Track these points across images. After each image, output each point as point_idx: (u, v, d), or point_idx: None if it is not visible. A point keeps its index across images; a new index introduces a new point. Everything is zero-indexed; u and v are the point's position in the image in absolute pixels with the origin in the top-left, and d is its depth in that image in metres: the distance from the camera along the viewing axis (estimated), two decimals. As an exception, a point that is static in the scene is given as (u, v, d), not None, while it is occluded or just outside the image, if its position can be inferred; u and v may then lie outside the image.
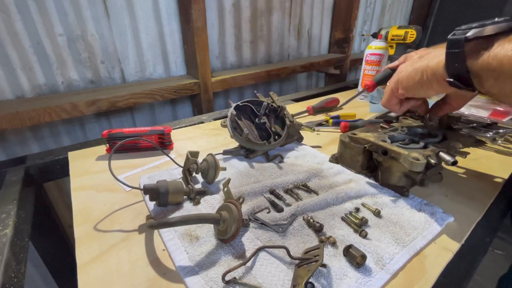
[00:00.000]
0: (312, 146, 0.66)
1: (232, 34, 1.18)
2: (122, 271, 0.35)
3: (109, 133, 0.61)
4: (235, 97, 1.29)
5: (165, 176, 0.53)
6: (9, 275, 0.39)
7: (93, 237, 0.40)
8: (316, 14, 1.47)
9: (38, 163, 0.65)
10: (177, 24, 1.01)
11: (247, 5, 1.17)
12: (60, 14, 0.79)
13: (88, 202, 0.47)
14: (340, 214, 0.43)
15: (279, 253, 0.36)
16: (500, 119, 0.77)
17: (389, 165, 0.47)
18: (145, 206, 0.46)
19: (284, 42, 1.39)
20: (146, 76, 1.01)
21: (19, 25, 0.74)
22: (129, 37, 0.93)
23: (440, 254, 0.37)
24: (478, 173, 0.56)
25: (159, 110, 1.08)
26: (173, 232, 0.39)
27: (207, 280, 0.32)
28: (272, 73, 1.21)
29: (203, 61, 0.99)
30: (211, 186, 0.50)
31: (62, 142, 0.90)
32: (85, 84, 0.90)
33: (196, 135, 0.74)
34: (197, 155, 0.51)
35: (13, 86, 0.78)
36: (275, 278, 0.32)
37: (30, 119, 0.72)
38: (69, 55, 0.84)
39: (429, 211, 0.43)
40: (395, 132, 0.51)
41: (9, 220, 0.47)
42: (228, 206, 0.37)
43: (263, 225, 0.40)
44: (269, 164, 0.58)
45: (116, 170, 0.56)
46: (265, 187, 0.48)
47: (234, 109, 0.62)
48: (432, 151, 0.43)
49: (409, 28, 0.95)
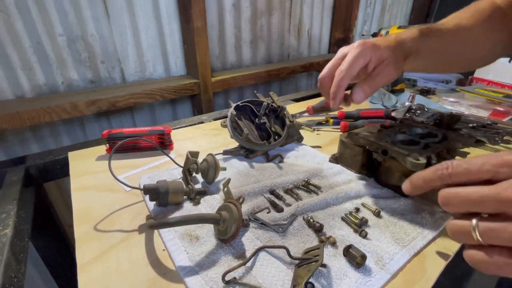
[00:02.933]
0: (312, 146, 0.66)
1: (232, 34, 1.18)
2: (122, 271, 0.35)
3: (109, 133, 0.61)
4: (235, 97, 1.29)
5: (165, 176, 0.53)
6: (9, 275, 0.39)
7: (93, 237, 0.40)
8: (316, 14, 1.47)
9: (38, 163, 0.65)
10: (177, 24, 1.01)
11: (247, 5, 1.17)
12: (60, 14, 0.79)
13: (88, 202, 0.47)
14: (340, 214, 0.43)
15: (279, 253, 0.36)
16: (500, 119, 0.77)
17: (389, 165, 0.47)
18: (145, 206, 0.46)
19: (284, 42, 1.39)
20: (146, 76, 1.01)
21: (19, 25, 0.74)
22: (129, 37, 0.93)
23: (440, 254, 0.37)
24: (478, 173, 0.56)
25: (159, 110, 1.08)
26: (173, 232, 0.39)
27: (207, 280, 0.32)
28: (272, 73, 1.21)
29: (203, 61, 0.99)
30: (211, 186, 0.50)
31: (62, 142, 0.90)
32: (85, 84, 0.90)
33: (196, 135, 0.74)
34: (197, 155, 0.51)
35: (13, 86, 0.78)
36: (275, 278, 0.32)
37: (30, 119, 0.72)
38: (69, 55, 0.84)
39: (429, 211, 0.43)
40: (395, 132, 0.51)
41: (9, 220, 0.47)
42: (228, 206, 0.37)
43: (263, 225, 0.40)
44: (269, 164, 0.58)
45: (116, 170, 0.56)
46: (265, 187, 0.48)
47: (234, 109, 0.62)
48: (432, 151, 0.43)
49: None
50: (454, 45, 0.47)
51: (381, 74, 0.42)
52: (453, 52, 0.48)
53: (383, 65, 0.42)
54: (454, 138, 0.49)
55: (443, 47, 0.47)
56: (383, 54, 0.42)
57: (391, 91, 1.01)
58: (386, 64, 0.42)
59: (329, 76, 0.44)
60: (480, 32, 0.47)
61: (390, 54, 0.42)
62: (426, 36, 0.45)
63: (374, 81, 0.43)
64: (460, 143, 0.48)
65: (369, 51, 0.41)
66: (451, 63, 0.51)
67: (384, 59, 0.42)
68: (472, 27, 0.46)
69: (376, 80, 0.43)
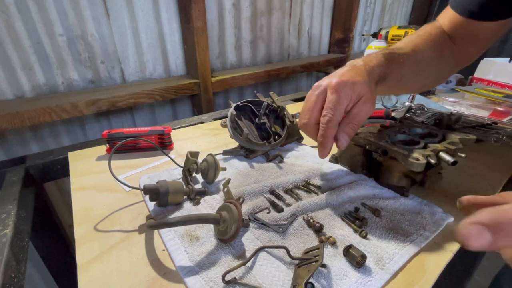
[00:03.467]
0: (312, 146, 0.66)
1: (232, 34, 1.18)
2: (122, 271, 0.35)
3: (109, 133, 0.61)
4: (235, 97, 1.29)
5: (165, 176, 0.53)
6: (9, 275, 0.39)
7: (93, 237, 0.40)
8: (316, 14, 1.47)
9: (38, 163, 0.65)
10: (177, 24, 1.01)
11: (247, 5, 1.17)
12: (60, 14, 0.79)
13: (88, 202, 0.47)
14: (340, 214, 0.43)
15: (279, 253, 0.36)
16: (500, 119, 0.77)
17: (389, 165, 0.47)
18: (145, 206, 0.46)
19: (284, 42, 1.39)
20: (146, 76, 1.01)
21: (19, 25, 0.75)
22: (129, 37, 0.93)
23: (440, 254, 0.37)
24: (478, 173, 0.56)
25: (159, 110, 1.08)
26: (173, 232, 0.39)
27: (207, 280, 0.32)
28: (272, 73, 1.21)
29: (203, 61, 0.99)
30: (211, 186, 0.50)
31: (62, 142, 0.90)
32: (85, 84, 0.90)
33: (196, 135, 0.74)
34: (197, 155, 0.51)
35: (13, 86, 0.78)
36: (275, 278, 0.32)
37: (30, 119, 0.72)
38: (69, 55, 0.84)
39: (429, 211, 0.43)
40: (395, 132, 0.51)
41: (9, 220, 0.47)
42: (228, 206, 0.37)
43: (263, 225, 0.40)
44: (269, 164, 0.58)
45: (116, 170, 0.56)
46: (265, 187, 0.48)
47: (234, 109, 0.62)
48: (432, 151, 0.43)
49: (409, 28, 0.95)
50: (413, 70, 0.48)
51: (361, 113, 0.41)
52: (412, 76, 0.49)
53: (362, 102, 0.40)
54: (454, 138, 0.50)
55: (404, 72, 0.47)
56: (361, 91, 0.40)
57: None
58: (364, 101, 0.40)
59: (313, 124, 0.42)
60: (433, 57, 0.49)
61: (367, 90, 0.40)
62: (390, 63, 0.45)
63: (356, 120, 0.40)
64: (460, 143, 0.48)
65: (349, 91, 0.39)
66: (409, 86, 0.52)
67: (362, 95, 0.40)
68: (426, 52, 0.48)
69: (357, 119, 0.41)
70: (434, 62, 0.51)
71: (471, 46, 0.51)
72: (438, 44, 0.50)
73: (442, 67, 0.53)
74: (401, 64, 0.46)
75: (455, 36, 0.50)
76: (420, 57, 0.48)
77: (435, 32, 0.51)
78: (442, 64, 0.52)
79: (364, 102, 0.40)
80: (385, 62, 0.44)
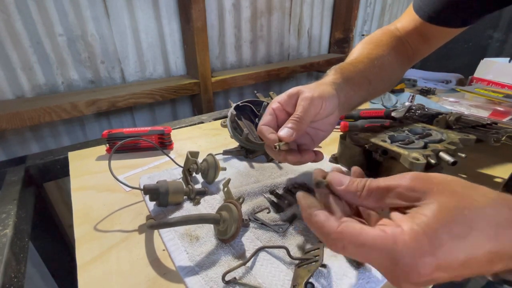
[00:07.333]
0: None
1: (232, 34, 1.18)
2: (122, 271, 0.35)
3: (109, 133, 0.61)
4: (235, 97, 1.29)
5: (165, 176, 0.53)
6: (9, 275, 0.39)
7: (93, 237, 0.40)
8: (316, 14, 1.47)
9: (38, 163, 0.65)
10: (177, 24, 1.01)
11: (247, 5, 1.17)
12: (60, 14, 0.79)
13: (88, 202, 0.47)
14: (340, 214, 0.43)
15: (279, 253, 0.36)
16: (500, 119, 0.77)
17: (389, 165, 0.47)
18: (145, 206, 0.46)
19: (284, 42, 1.39)
20: (146, 76, 1.01)
21: (19, 25, 0.74)
22: (129, 37, 0.93)
23: (440, 254, 0.37)
24: (478, 173, 0.56)
25: (159, 110, 1.08)
26: (173, 232, 0.39)
27: (207, 280, 0.32)
28: (272, 73, 1.21)
29: (203, 61, 0.99)
30: (211, 186, 0.50)
31: (62, 142, 0.90)
32: (85, 84, 0.90)
33: (196, 135, 0.74)
34: (197, 155, 0.51)
35: (13, 86, 0.78)
36: (275, 278, 0.32)
37: (30, 119, 0.72)
38: (69, 55, 0.84)
39: (429, 211, 0.43)
40: (395, 132, 0.51)
41: (9, 220, 0.47)
42: (228, 206, 0.37)
43: (263, 225, 0.40)
44: (269, 164, 0.58)
45: (116, 170, 0.56)
46: (265, 187, 0.48)
47: (234, 109, 0.62)
48: (432, 151, 0.43)
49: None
50: (373, 77, 0.50)
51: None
52: (373, 83, 0.51)
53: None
54: (454, 138, 0.50)
55: (363, 80, 0.48)
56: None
57: (391, 91, 1.01)
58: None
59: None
60: (390, 61, 0.52)
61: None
62: (345, 81, 0.46)
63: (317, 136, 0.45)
64: (460, 143, 0.48)
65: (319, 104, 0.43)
66: (371, 93, 0.53)
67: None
68: (382, 57, 0.50)
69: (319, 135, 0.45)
70: (394, 65, 0.54)
71: (425, 47, 0.57)
72: (394, 47, 0.53)
73: (399, 69, 0.56)
74: (358, 74, 0.47)
75: (413, 35, 0.55)
76: (378, 62, 0.50)
77: (387, 38, 0.54)
78: (399, 66, 0.56)
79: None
80: (342, 81, 0.46)
